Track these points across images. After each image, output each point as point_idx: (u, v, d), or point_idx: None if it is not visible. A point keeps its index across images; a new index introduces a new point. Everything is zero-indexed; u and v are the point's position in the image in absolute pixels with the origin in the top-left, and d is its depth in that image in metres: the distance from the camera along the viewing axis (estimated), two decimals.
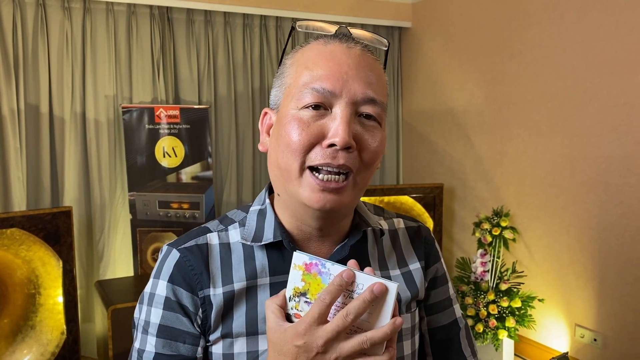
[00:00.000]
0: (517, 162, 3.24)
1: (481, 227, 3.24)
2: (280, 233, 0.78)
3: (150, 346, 0.77)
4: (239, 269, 0.78)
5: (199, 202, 3.30)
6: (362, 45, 0.78)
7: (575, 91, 2.88)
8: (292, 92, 0.75)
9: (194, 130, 3.30)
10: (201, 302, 0.76)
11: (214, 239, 0.81)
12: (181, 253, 0.79)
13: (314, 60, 0.75)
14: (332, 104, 0.73)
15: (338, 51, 0.75)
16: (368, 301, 0.62)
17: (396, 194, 3.46)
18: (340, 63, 0.74)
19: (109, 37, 3.22)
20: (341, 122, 0.71)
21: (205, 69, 3.53)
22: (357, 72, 0.74)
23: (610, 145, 2.73)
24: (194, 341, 0.76)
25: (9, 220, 2.45)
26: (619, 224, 2.71)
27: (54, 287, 2.61)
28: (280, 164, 0.75)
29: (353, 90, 0.73)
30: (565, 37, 2.91)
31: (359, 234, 0.82)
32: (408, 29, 4.11)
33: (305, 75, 0.74)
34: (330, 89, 0.72)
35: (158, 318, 0.77)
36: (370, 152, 0.74)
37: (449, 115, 3.75)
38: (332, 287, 0.63)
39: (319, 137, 0.72)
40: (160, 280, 0.78)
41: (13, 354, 2.54)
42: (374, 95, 0.74)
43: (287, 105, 0.75)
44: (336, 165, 0.71)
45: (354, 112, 0.73)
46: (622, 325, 2.73)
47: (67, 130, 3.13)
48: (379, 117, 0.76)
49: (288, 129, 0.73)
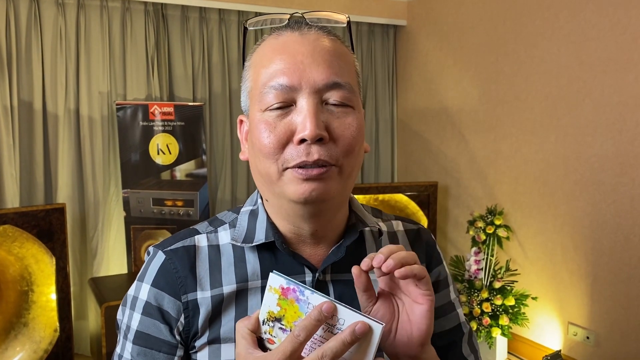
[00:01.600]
0: (511, 161, 3.26)
1: (475, 225, 3.24)
2: (273, 234, 0.75)
3: (127, 352, 0.75)
4: (229, 272, 0.75)
5: (193, 199, 3.29)
6: (318, 28, 0.73)
7: (569, 90, 2.89)
8: (255, 94, 0.72)
9: (188, 128, 3.29)
10: (184, 307, 0.73)
11: (203, 240, 0.78)
12: (166, 255, 0.76)
13: (268, 56, 0.72)
14: (294, 99, 0.69)
15: (290, 41, 0.71)
16: (347, 343, 0.57)
17: (390, 192, 3.46)
18: (294, 53, 0.70)
19: (103, 34, 3.20)
20: (307, 114, 0.67)
21: (200, 66, 3.52)
22: (314, 59, 0.69)
23: (603, 144, 2.75)
24: (170, 350, 0.73)
25: (2, 217, 2.43)
26: (612, 223, 2.73)
27: (47, 284, 2.60)
28: (260, 170, 0.72)
29: (312, 79, 0.68)
30: (559, 37, 2.92)
31: (355, 234, 0.78)
32: (403, 27, 4.11)
33: (263, 75, 0.71)
34: (288, 84, 0.68)
35: (136, 323, 0.74)
36: (346, 139, 0.70)
37: (444, 114, 3.76)
38: (309, 321, 0.58)
39: (288, 136, 0.68)
40: (144, 283, 0.76)
41: (5, 351, 2.53)
42: (337, 79, 0.69)
43: (253, 109, 0.72)
44: (312, 161, 0.67)
45: (319, 101, 0.69)
46: (615, 323, 2.75)
47: (61, 127, 3.11)
48: (348, 100, 0.70)
49: (257, 134, 0.70)
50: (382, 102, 4.17)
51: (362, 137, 0.73)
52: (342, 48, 0.74)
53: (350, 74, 0.73)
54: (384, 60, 4.15)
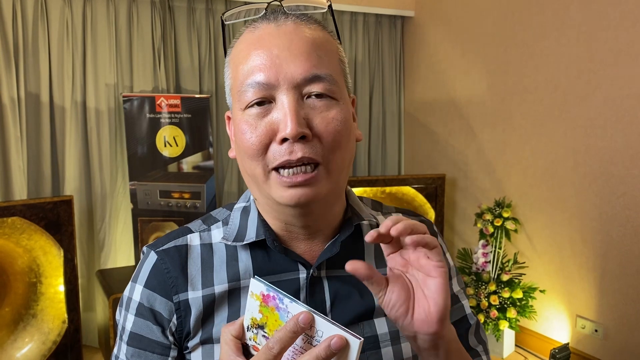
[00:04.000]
0: (520, 153, 3.23)
1: (483, 218, 3.23)
2: (264, 231, 0.73)
3: (122, 354, 0.75)
4: (221, 271, 0.73)
5: (200, 192, 3.29)
6: (296, 17, 0.70)
7: (579, 82, 2.86)
8: (235, 93, 0.70)
9: (195, 120, 3.29)
10: (176, 308, 0.72)
11: (195, 239, 0.77)
12: (158, 255, 0.75)
13: (244, 53, 0.69)
14: (273, 95, 0.66)
15: (266, 35, 0.68)
16: (322, 358, 0.56)
17: (398, 184, 3.45)
18: (269, 48, 0.67)
19: (110, 25, 3.20)
20: (287, 112, 0.64)
21: (207, 58, 3.51)
22: (290, 52, 0.66)
23: (613, 137, 2.72)
24: (164, 351, 0.73)
25: (10, 209, 2.44)
26: (622, 216, 2.70)
27: (55, 276, 2.62)
28: (246, 169, 0.71)
29: (290, 74, 0.65)
30: (570, 28, 2.89)
31: (350, 228, 0.75)
32: (411, 18, 4.07)
33: (241, 72, 0.68)
34: (264, 81, 0.66)
35: (130, 325, 0.74)
36: (330, 134, 0.66)
37: (452, 106, 3.73)
38: (284, 333, 0.57)
39: (270, 135, 0.66)
40: (137, 284, 0.75)
41: (15, 342, 2.55)
42: (316, 72, 0.66)
43: (235, 108, 0.70)
44: (295, 159, 0.64)
45: (299, 96, 0.66)
46: (623, 317, 2.73)
47: (68, 119, 3.12)
48: (330, 92, 0.67)
49: (239, 135, 0.69)
50: (389, 93, 4.14)
51: (349, 129, 0.70)
52: (323, 36, 0.70)
53: (332, 64, 0.69)
54: (391, 51, 4.12)
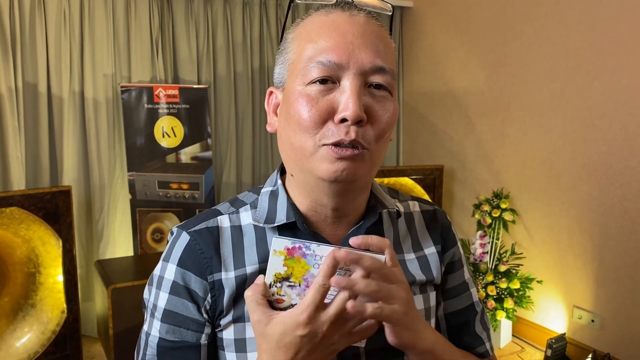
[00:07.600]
0: (518, 144, 3.23)
1: (481, 208, 3.24)
2: (294, 214, 0.76)
3: (155, 330, 0.76)
4: (251, 252, 0.76)
5: (199, 182, 3.29)
6: (366, 12, 0.74)
7: (578, 73, 2.86)
8: (297, 67, 0.72)
9: (193, 110, 3.28)
10: (210, 287, 0.75)
11: (225, 221, 0.79)
12: (191, 236, 0.77)
13: (317, 32, 0.72)
14: (339, 77, 0.70)
15: (341, 20, 0.72)
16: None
17: (396, 175, 3.45)
18: (344, 33, 0.70)
19: (107, 15, 3.18)
20: (351, 95, 0.68)
21: (205, 48, 3.50)
22: (363, 41, 0.70)
23: (612, 128, 2.72)
24: (199, 328, 0.75)
25: (9, 199, 2.44)
26: (619, 207, 2.71)
27: (53, 266, 2.62)
28: (292, 143, 0.72)
29: (360, 60, 0.69)
30: (569, 18, 2.88)
31: (375, 215, 0.79)
32: (410, 8, 4.06)
33: (309, 49, 0.71)
34: (336, 61, 0.69)
35: (164, 302, 0.76)
36: (382, 124, 0.71)
37: (450, 97, 3.73)
38: (327, 268, 0.62)
39: (329, 113, 0.69)
40: (170, 263, 0.77)
41: (14, 332, 2.55)
42: (382, 64, 0.71)
43: (293, 82, 0.72)
44: (349, 140, 0.68)
45: (363, 82, 0.70)
46: (620, 307, 2.75)
47: (66, 109, 3.11)
48: (389, 85, 0.72)
49: (296, 106, 0.70)
50: None
51: (394, 125, 0.74)
52: (388, 36, 0.76)
53: (393, 62, 0.74)
54: None
